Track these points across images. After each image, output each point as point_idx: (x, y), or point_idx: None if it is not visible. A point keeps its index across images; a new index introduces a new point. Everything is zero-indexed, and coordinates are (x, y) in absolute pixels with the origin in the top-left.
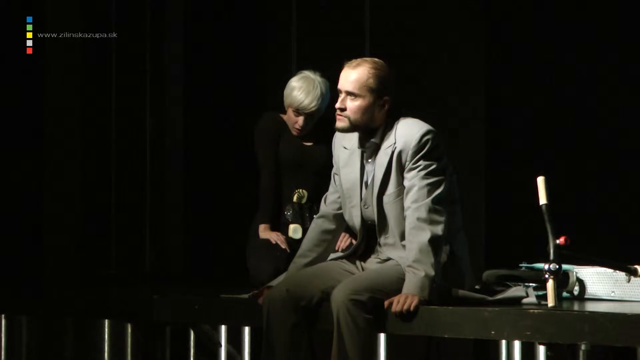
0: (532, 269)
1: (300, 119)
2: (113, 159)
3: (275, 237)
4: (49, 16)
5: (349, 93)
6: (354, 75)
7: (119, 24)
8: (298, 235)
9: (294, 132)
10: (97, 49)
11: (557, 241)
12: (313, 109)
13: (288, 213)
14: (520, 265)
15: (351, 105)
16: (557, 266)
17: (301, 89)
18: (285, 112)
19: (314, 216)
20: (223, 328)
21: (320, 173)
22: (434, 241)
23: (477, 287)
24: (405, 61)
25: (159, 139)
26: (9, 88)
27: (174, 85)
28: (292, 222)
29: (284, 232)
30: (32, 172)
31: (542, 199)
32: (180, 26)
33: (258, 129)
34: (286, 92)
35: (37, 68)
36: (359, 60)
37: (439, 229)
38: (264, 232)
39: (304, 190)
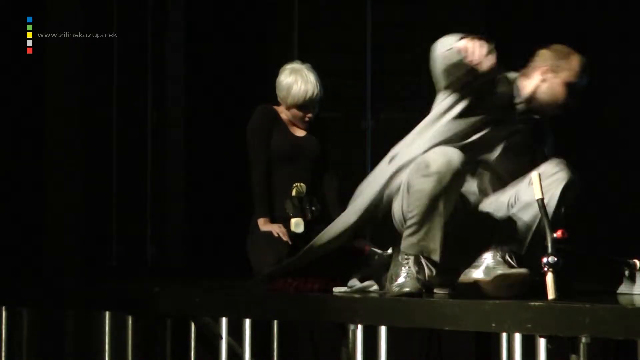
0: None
1: (308, 112)
2: (114, 152)
3: (277, 229)
4: (48, 16)
5: None
6: None
7: (119, 22)
8: (300, 229)
9: (302, 126)
10: (98, 49)
11: (555, 235)
12: (318, 96)
13: (288, 207)
14: None
15: None
16: (556, 259)
17: (298, 83)
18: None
19: (313, 208)
20: (224, 320)
21: (314, 163)
22: None
23: None
24: (406, 53)
25: (161, 133)
26: (9, 88)
27: (174, 81)
28: (293, 217)
29: (284, 226)
30: (34, 165)
31: (538, 194)
32: (180, 23)
33: (250, 125)
34: (282, 93)
35: (38, 68)
36: None
37: None
38: (265, 225)
39: (302, 184)
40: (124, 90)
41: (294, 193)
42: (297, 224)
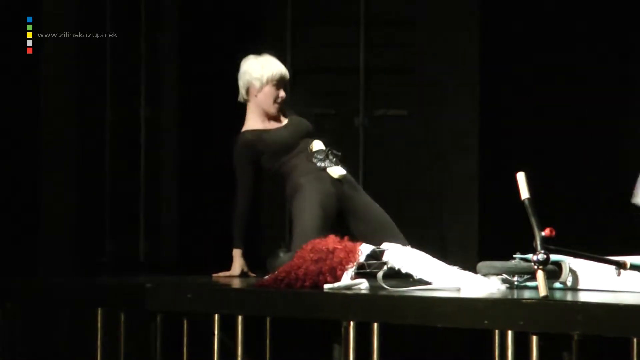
0: (526, 260)
1: (281, 91)
2: (108, 148)
3: (237, 268)
4: (44, 16)
5: None
6: None
7: (113, 18)
8: (342, 172)
9: (274, 110)
10: (93, 45)
11: (543, 233)
12: (287, 73)
13: (318, 162)
14: (514, 256)
15: None
16: (545, 256)
17: (268, 62)
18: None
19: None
20: (216, 317)
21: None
22: None
23: None
24: (400, 50)
25: (154, 129)
26: (4, 86)
27: (169, 76)
28: (328, 167)
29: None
30: (29, 162)
31: (524, 194)
32: (174, 20)
33: (234, 155)
34: (255, 74)
35: (35, 65)
36: None
37: None
38: (235, 258)
39: (312, 143)
40: (118, 87)
41: (314, 149)
42: (335, 171)
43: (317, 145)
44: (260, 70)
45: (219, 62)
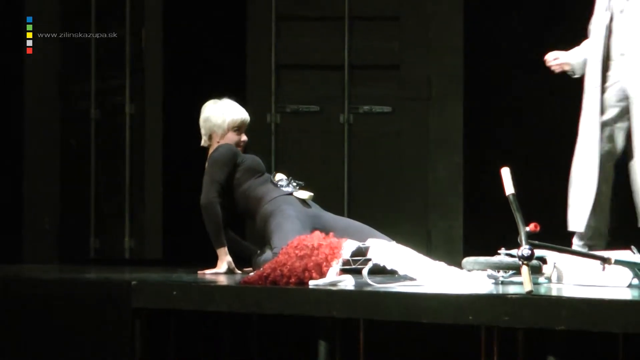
0: (511, 255)
1: (243, 135)
2: (92, 145)
3: (225, 265)
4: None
5: None
6: None
7: (98, 15)
8: (309, 194)
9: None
10: (78, 42)
11: (527, 228)
12: (248, 117)
13: (283, 187)
14: (499, 251)
15: None
16: (530, 251)
17: (229, 107)
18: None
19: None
20: (202, 314)
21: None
22: None
23: None
24: (384, 46)
25: (138, 126)
26: None
27: (153, 73)
28: (293, 193)
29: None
30: (13, 158)
31: (509, 189)
32: (158, 15)
33: (214, 157)
34: (217, 121)
35: (19, 62)
36: None
37: None
38: (221, 256)
39: (275, 174)
40: (102, 84)
41: (276, 179)
42: (302, 194)
43: (279, 176)
44: (221, 117)
45: (203, 58)
